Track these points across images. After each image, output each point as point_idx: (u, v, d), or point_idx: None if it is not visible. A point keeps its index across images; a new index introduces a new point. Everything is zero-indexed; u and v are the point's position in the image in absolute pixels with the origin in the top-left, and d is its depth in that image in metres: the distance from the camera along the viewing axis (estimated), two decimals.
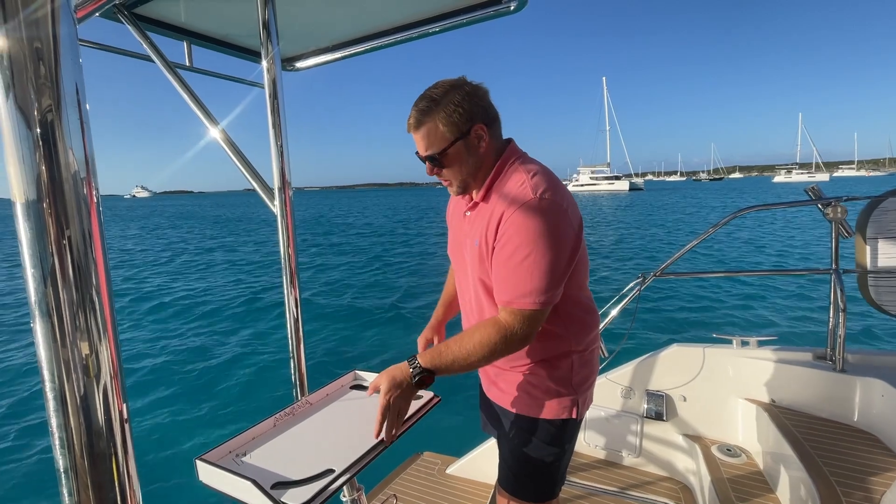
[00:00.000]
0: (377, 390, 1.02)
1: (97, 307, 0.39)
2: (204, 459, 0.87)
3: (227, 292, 10.13)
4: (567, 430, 1.23)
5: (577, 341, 1.20)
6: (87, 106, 0.38)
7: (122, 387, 0.41)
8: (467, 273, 1.23)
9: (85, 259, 0.38)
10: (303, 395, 1.36)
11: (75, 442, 0.39)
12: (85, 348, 0.39)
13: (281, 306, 1.40)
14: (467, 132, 1.09)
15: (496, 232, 1.07)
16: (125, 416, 0.42)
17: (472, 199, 1.21)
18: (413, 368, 1.03)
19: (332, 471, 0.86)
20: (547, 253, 1.01)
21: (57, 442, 0.39)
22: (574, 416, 1.22)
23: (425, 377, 1.03)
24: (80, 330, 0.38)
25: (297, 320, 1.38)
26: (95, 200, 0.38)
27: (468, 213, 1.21)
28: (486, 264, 1.12)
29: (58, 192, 0.36)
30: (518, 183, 1.08)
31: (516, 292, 1.03)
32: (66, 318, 0.38)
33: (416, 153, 1.16)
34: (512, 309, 1.04)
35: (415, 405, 1.08)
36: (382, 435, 0.97)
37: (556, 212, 1.03)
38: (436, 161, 1.12)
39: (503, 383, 1.25)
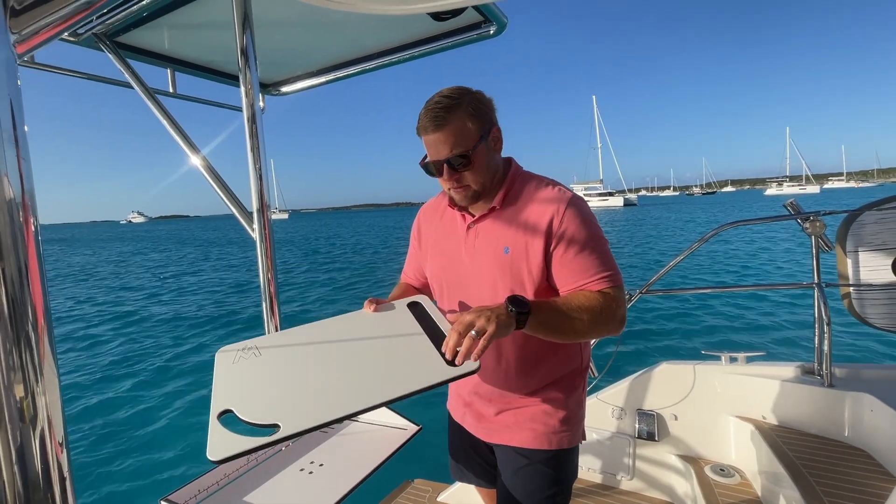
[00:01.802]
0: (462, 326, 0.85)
1: (33, 345, 0.36)
2: (170, 501, 0.82)
3: (201, 316, 9.89)
4: (576, 454, 1.20)
5: (585, 352, 1.19)
6: (26, 129, 0.36)
7: (61, 433, 0.38)
8: (469, 290, 1.14)
9: (20, 293, 0.35)
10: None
11: (8, 496, 0.36)
12: (19, 391, 0.36)
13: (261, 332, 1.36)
14: (488, 133, 1.07)
15: (547, 230, 1.03)
16: (65, 465, 0.38)
17: (468, 214, 1.14)
18: (510, 301, 0.89)
19: None
20: (607, 243, 1.07)
21: None
22: (585, 437, 1.19)
23: (522, 314, 0.89)
24: (14, 370, 0.35)
25: None
26: (33, 229, 0.36)
27: (474, 226, 1.13)
28: (524, 270, 1.05)
29: None
30: (548, 186, 1.10)
31: (603, 272, 1.02)
32: None
33: (426, 162, 1.08)
34: (605, 283, 1.02)
35: (396, 436, 1.04)
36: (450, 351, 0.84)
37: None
38: (465, 161, 1.03)
39: (510, 418, 1.15)
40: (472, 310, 0.88)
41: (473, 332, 0.84)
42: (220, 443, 0.69)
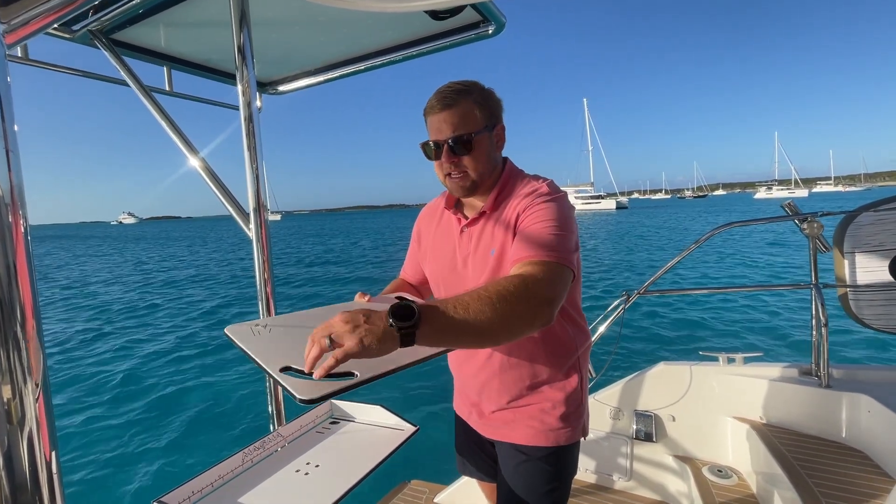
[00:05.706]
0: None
1: (22, 346, 0.35)
2: (163, 502, 0.81)
3: (193, 313, 9.90)
4: (576, 450, 1.20)
5: (580, 345, 1.17)
6: (16, 128, 0.35)
7: (50, 434, 0.37)
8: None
9: (8, 293, 0.34)
10: (280, 427, 1.30)
11: None
12: (7, 392, 0.35)
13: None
14: (493, 126, 1.08)
15: (516, 222, 1.03)
16: (54, 466, 0.37)
17: (462, 217, 1.16)
18: (391, 312, 0.68)
19: None
20: (568, 226, 0.98)
21: None
22: (587, 433, 1.19)
23: (406, 329, 0.68)
24: (2, 372, 0.35)
25: None
26: (22, 229, 0.35)
27: (467, 229, 1.14)
28: (506, 270, 1.02)
29: None
30: (532, 184, 1.09)
31: (539, 248, 0.93)
32: None
33: (428, 143, 1.06)
34: (532, 260, 0.90)
35: (393, 437, 1.03)
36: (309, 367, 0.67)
37: (570, 206, 1.06)
38: (466, 143, 1.03)
39: (509, 415, 1.17)
40: (346, 312, 0.69)
41: (327, 341, 0.66)
42: (303, 386, 0.65)
